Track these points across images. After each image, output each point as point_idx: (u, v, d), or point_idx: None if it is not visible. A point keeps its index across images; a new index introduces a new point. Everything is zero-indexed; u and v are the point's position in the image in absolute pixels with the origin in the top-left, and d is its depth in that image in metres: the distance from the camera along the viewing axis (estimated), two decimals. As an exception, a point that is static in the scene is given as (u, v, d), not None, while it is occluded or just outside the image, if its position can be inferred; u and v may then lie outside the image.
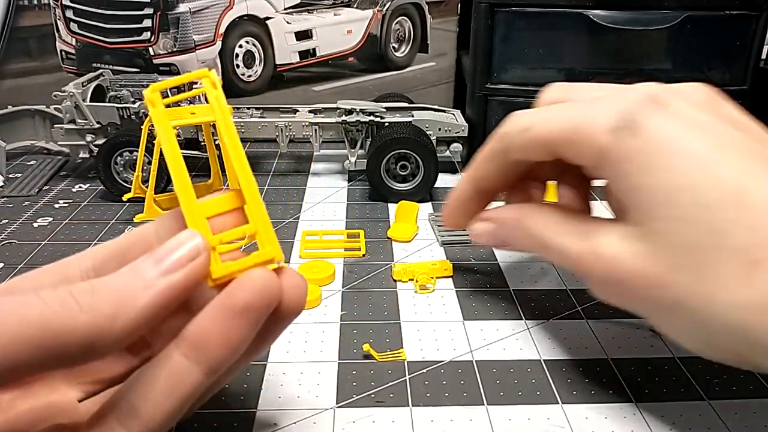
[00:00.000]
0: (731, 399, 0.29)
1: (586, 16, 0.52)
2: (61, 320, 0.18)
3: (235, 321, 0.21)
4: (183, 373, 0.20)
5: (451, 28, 0.66)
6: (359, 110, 0.54)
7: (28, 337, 0.17)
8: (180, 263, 0.20)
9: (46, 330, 0.17)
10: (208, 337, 0.20)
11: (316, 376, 0.31)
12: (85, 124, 0.53)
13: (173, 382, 0.20)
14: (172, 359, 0.21)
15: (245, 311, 0.21)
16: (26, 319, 0.17)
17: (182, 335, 0.21)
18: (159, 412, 0.20)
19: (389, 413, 0.28)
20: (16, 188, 0.54)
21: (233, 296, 0.21)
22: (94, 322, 0.18)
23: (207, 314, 0.21)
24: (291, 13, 0.64)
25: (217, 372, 0.21)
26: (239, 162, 0.23)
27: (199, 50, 0.63)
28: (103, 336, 0.18)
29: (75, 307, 0.18)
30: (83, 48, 0.63)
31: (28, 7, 0.62)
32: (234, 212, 0.24)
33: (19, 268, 0.41)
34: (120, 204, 0.50)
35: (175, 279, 0.20)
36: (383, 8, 0.64)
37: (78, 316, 0.18)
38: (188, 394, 0.21)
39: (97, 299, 0.19)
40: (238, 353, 0.21)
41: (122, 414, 0.20)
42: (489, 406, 0.29)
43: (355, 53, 0.66)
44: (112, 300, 0.19)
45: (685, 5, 0.52)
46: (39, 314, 0.18)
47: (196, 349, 0.20)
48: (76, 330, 0.18)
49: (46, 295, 0.18)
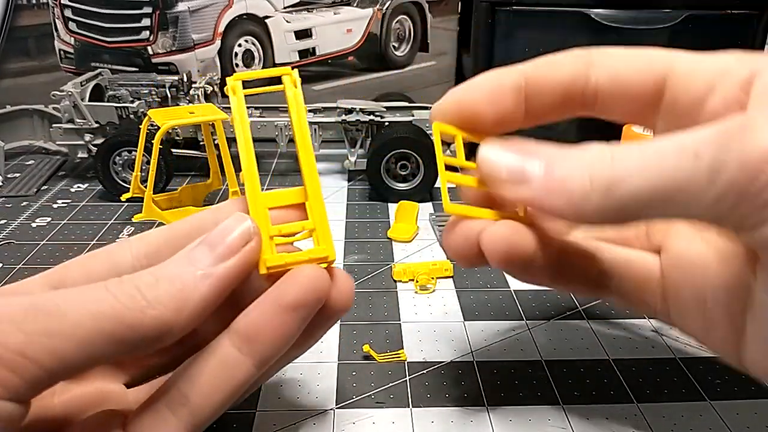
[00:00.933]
0: (733, 400, 0.29)
1: (587, 15, 0.52)
2: (132, 315, 0.19)
3: (285, 315, 0.21)
4: (234, 364, 0.21)
5: (451, 26, 0.66)
6: (359, 110, 0.53)
7: (103, 331, 0.18)
8: (232, 249, 0.21)
9: (119, 324, 0.18)
10: (259, 329, 0.21)
11: (315, 376, 0.31)
12: (84, 124, 0.53)
13: (224, 372, 0.21)
14: (224, 350, 0.21)
15: (296, 306, 0.21)
16: (101, 314, 0.18)
17: (234, 327, 0.21)
18: (208, 401, 0.21)
19: (389, 414, 0.28)
20: (14, 188, 0.54)
21: (285, 291, 0.21)
22: (161, 316, 0.19)
23: (258, 307, 0.21)
24: (290, 11, 0.64)
25: (266, 364, 0.21)
26: (307, 161, 0.24)
27: (198, 49, 0.63)
28: (170, 328, 0.19)
29: (143, 302, 0.19)
30: (82, 47, 0.63)
31: (26, 6, 0.62)
32: (296, 207, 0.24)
33: (18, 269, 0.41)
34: (118, 204, 0.50)
35: (230, 265, 0.21)
36: (383, 7, 0.64)
37: (146, 311, 0.19)
38: (238, 385, 0.21)
39: (161, 293, 0.19)
40: (287, 347, 0.22)
41: (172, 402, 0.21)
42: (490, 407, 0.29)
43: (355, 52, 0.66)
44: (174, 293, 0.20)
45: (687, 4, 0.52)
46: (111, 309, 0.18)
47: (247, 342, 0.21)
48: (144, 324, 0.19)
49: (115, 288, 0.19)
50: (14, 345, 0.17)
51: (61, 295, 0.19)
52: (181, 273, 0.20)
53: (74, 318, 0.18)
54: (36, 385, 0.18)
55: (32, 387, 0.17)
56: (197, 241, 0.21)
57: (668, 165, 0.18)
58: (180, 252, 0.21)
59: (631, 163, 0.18)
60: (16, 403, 0.17)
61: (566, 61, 0.24)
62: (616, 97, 0.23)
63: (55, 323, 0.18)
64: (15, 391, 0.17)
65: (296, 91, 0.25)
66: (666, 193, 0.18)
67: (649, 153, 0.18)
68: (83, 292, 0.19)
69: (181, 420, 0.20)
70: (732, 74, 0.21)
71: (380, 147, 0.50)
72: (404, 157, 0.51)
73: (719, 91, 0.21)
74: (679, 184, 0.17)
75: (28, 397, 0.18)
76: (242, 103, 0.24)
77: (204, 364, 0.21)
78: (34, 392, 0.18)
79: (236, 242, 0.21)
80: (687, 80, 0.22)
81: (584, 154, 0.20)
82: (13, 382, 0.17)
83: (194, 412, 0.21)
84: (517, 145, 0.21)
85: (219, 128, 0.45)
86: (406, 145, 0.50)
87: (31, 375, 0.17)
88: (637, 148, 0.19)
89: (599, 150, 0.19)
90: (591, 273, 0.25)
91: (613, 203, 0.18)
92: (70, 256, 0.43)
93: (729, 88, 0.21)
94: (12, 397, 0.17)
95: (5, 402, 0.17)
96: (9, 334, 0.17)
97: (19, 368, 0.17)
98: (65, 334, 0.18)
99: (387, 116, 0.54)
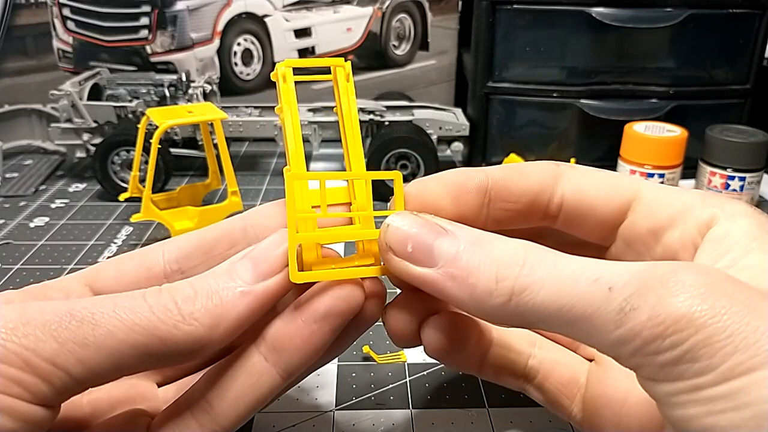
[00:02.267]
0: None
1: (589, 14, 0.52)
2: (165, 329, 0.18)
3: (316, 326, 0.21)
4: (261, 374, 0.21)
5: (451, 25, 0.65)
6: (359, 109, 0.53)
7: (135, 343, 0.18)
8: (275, 268, 0.20)
9: (151, 337, 0.18)
10: (288, 340, 0.21)
11: (315, 378, 0.30)
12: (82, 124, 0.53)
13: (251, 382, 0.21)
14: (252, 360, 0.21)
15: (327, 317, 0.21)
16: (135, 326, 0.18)
17: (263, 337, 0.21)
18: (234, 410, 0.20)
19: (389, 416, 0.28)
20: (12, 188, 0.54)
21: (316, 301, 0.21)
22: (195, 332, 0.19)
23: (288, 317, 0.21)
24: (290, 10, 0.63)
25: (293, 375, 0.21)
26: (357, 160, 0.23)
27: (197, 48, 0.63)
28: (203, 345, 0.19)
29: (178, 317, 0.19)
30: (80, 46, 0.63)
31: (25, 5, 0.62)
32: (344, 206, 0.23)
33: (16, 269, 0.41)
34: (117, 204, 0.50)
35: (271, 285, 0.20)
36: (383, 5, 0.64)
37: (181, 326, 0.19)
38: (264, 394, 0.21)
39: (198, 309, 0.19)
40: (316, 357, 0.21)
41: (197, 409, 0.21)
42: (490, 408, 0.29)
43: (354, 51, 0.65)
44: (211, 308, 0.19)
45: (688, 3, 0.51)
46: (146, 321, 0.18)
47: (276, 352, 0.21)
48: (178, 339, 0.19)
49: (152, 300, 0.19)
50: (46, 352, 0.17)
51: (98, 302, 0.19)
52: (220, 288, 0.20)
53: (107, 328, 0.18)
54: (64, 393, 0.18)
55: (60, 394, 0.18)
56: (241, 254, 0.21)
57: (579, 291, 0.17)
58: (222, 264, 0.21)
59: (542, 275, 0.18)
60: (45, 407, 0.17)
61: (535, 171, 0.23)
62: (580, 215, 0.23)
63: (88, 332, 0.18)
64: (43, 398, 0.17)
65: (348, 85, 0.23)
66: (570, 317, 0.17)
67: (565, 271, 0.18)
68: (120, 301, 0.19)
69: (203, 427, 0.20)
70: (694, 214, 0.21)
71: (380, 146, 0.50)
72: (404, 157, 0.51)
73: (679, 228, 0.21)
74: (584, 313, 0.17)
75: (56, 402, 0.18)
76: (292, 91, 0.23)
77: (231, 372, 0.21)
78: (62, 399, 0.18)
79: (280, 261, 0.20)
80: (650, 210, 0.22)
81: (498, 248, 0.19)
82: (41, 389, 0.17)
83: (217, 420, 0.20)
84: (431, 221, 0.20)
85: (218, 128, 0.45)
86: (406, 145, 0.50)
87: (61, 383, 0.17)
88: (553, 261, 0.18)
89: (513, 250, 0.19)
90: (519, 369, 0.25)
91: (515, 310, 0.18)
92: (68, 256, 0.42)
93: (688, 228, 0.21)
94: (40, 403, 0.17)
95: (33, 406, 0.17)
96: (42, 341, 0.17)
97: (49, 376, 0.17)
98: (97, 344, 0.18)
99: (387, 115, 0.54)
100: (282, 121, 0.23)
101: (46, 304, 0.19)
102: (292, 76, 0.23)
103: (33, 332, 0.17)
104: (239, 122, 0.54)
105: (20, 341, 0.17)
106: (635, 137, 0.50)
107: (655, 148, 0.49)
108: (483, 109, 0.56)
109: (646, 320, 0.16)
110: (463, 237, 0.19)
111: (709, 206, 0.20)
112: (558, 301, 0.17)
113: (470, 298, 0.18)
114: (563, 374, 0.25)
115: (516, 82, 0.55)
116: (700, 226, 0.20)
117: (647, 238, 0.22)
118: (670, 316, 0.16)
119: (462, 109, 0.58)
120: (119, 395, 0.24)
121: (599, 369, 0.24)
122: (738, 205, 0.20)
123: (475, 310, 0.19)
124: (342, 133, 0.23)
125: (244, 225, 0.24)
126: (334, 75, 0.24)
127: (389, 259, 0.20)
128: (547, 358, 0.25)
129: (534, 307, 0.18)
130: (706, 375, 0.15)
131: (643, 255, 0.22)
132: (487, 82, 0.55)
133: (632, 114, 0.54)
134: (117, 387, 0.24)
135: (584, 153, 0.56)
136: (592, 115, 0.54)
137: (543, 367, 0.25)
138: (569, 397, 0.25)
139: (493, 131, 0.57)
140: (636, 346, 0.16)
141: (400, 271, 0.20)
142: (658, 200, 0.22)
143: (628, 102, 0.55)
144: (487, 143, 0.57)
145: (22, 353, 0.17)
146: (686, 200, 0.21)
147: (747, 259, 0.18)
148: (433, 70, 0.67)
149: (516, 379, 0.25)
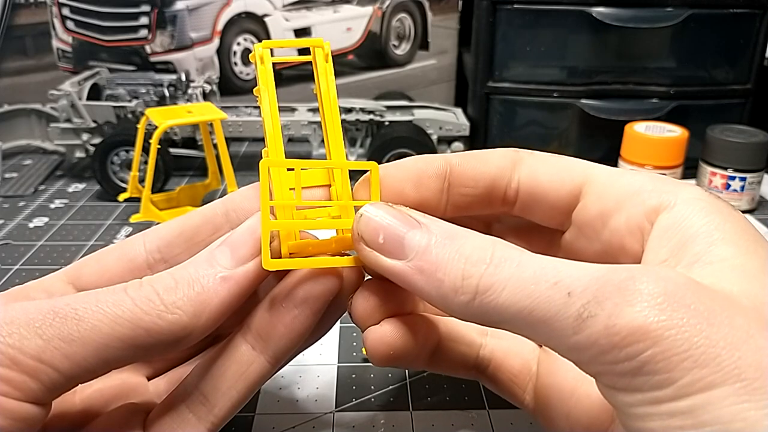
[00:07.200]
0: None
1: (589, 13, 0.51)
2: (150, 319, 0.19)
3: (297, 310, 0.21)
4: (250, 362, 0.21)
5: (452, 25, 0.65)
6: (359, 109, 0.53)
7: (120, 335, 0.18)
8: (253, 252, 0.20)
9: (136, 329, 0.18)
10: (272, 327, 0.21)
11: (315, 379, 0.30)
12: (81, 123, 0.52)
13: (241, 371, 0.21)
14: (240, 350, 0.21)
15: (306, 301, 0.21)
16: (119, 319, 0.18)
17: (248, 326, 0.21)
18: (227, 400, 0.21)
19: (389, 417, 0.28)
20: (11, 188, 0.54)
21: (294, 286, 0.21)
22: (179, 321, 0.19)
23: (269, 304, 0.21)
24: (290, 10, 0.63)
25: (282, 360, 0.22)
26: (335, 144, 0.23)
27: (197, 48, 0.63)
28: (188, 333, 0.19)
29: (161, 307, 0.19)
30: (80, 46, 0.63)
31: (24, 4, 0.61)
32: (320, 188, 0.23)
33: (16, 269, 0.41)
34: (116, 204, 0.50)
35: (251, 268, 0.20)
36: (383, 5, 0.64)
37: (165, 316, 0.19)
38: (255, 382, 0.21)
39: (180, 297, 0.19)
40: (302, 341, 0.22)
41: (192, 402, 0.21)
42: (491, 410, 0.29)
43: (354, 51, 0.65)
44: (193, 296, 0.19)
45: (689, 3, 0.51)
46: (130, 314, 0.18)
47: (262, 340, 0.21)
48: (163, 330, 0.19)
49: (134, 293, 0.19)
50: (32, 350, 0.17)
51: (81, 298, 0.19)
52: (200, 276, 0.20)
53: (91, 323, 0.18)
54: (54, 389, 0.18)
55: (50, 391, 0.18)
56: (219, 241, 0.21)
57: (539, 294, 0.17)
58: (201, 252, 0.21)
59: (505, 275, 0.17)
60: (36, 405, 0.18)
61: (494, 157, 0.23)
62: (534, 200, 0.23)
63: (72, 328, 0.18)
64: (33, 395, 0.17)
65: (327, 66, 0.23)
66: (530, 320, 0.17)
67: (526, 272, 0.17)
68: (102, 296, 0.19)
69: (201, 419, 0.21)
70: (641, 198, 0.20)
71: (380, 146, 0.50)
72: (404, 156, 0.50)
73: (625, 212, 0.21)
74: (544, 317, 0.17)
75: (47, 399, 0.18)
76: (270, 73, 0.22)
77: (221, 364, 0.21)
78: (53, 395, 0.18)
79: (258, 245, 0.20)
80: (599, 194, 0.22)
81: (466, 245, 0.18)
82: (30, 386, 0.17)
83: (214, 410, 0.21)
84: (405, 213, 0.20)
85: (217, 128, 0.45)
86: (406, 145, 0.50)
87: (49, 379, 0.18)
88: (517, 260, 0.18)
89: (482, 247, 0.18)
90: (469, 360, 0.25)
91: (478, 309, 0.18)
92: (67, 256, 0.42)
93: (634, 212, 0.20)
94: (30, 400, 0.17)
95: (23, 404, 0.17)
96: (27, 339, 0.17)
97: (37, 373, 0.17)
98: (82, 339, 0.18)
99: (387, 115, 0.53)
100: (260, 103, 0.23)
101: (29, 304, 0.19)
102: (270, 57, 0.23)
103: (17, 331, 0.17)
104: (239, 122, 0.54)
105: (5, 340, 0.17)
106: (636, 137, 0.50)
107: (656, 148, 0.49)
108: (483, 109, 0.56)
109: (602, 329, 0.16)
110: (436, 231, 0.19)
111: (658, 191, 0.20)
112: (518, 303, 0.17)
113: (437, 293, 0.18)
114: (514, 364, 0.25)
115: (516, 82, 0.55)
116: (647, 211, 0.20)
117: (596, 222, 0.22)
118: (626, 327, 0.15)
119: (462, 109, 0.58)
120: (111, 391, 0.24)
121: (549, 358, 0.24)
122: (693, 190, 0.20)
123: (442, 306, 0.19)
124: (321, 116, 0.23)
125: (225, 209, 0.24)
126: (313, 55, 0.23)
127: (360, 249, 0.20)
128: (498, 347, 0.25)
129: (497, 307, 0.17)
130: (665, 389, 0.15)
131: (593, 240, 0.22)
132: (487, 82, 0.55)
133: (633, 114, 0.54)
134: (108, 383, 0.24)
135: (585, 153, 0.55)
136: (593, 115, 0.54)
137: (494, 357, 0.25)
138: (521, 387, 0.25)
139: (493, 131, 0.57)
140: (593, 354, 0.16)
141: (371, 262, 0.20)
142: (607, 184, 0.22)
143: (629, 102, 0.54)
144: (488, 143, 0.57)
145: (7, 351, 0.17)
146: (634, 183, 0.21)
147: (711, 254, 0.18)
148: (433, 70, 0.67)
149: (468, 370, 0.25)
